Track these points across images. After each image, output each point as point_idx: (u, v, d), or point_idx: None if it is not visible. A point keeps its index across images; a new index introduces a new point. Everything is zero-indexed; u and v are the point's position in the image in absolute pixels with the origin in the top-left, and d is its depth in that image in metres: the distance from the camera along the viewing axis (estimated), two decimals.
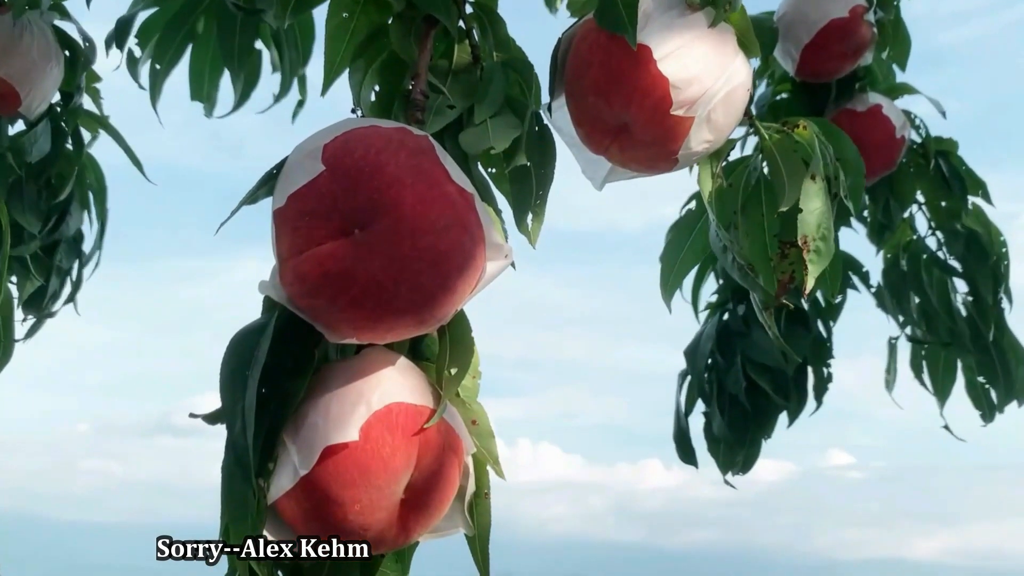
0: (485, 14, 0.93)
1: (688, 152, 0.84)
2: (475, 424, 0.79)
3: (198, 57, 1.52)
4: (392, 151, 0.68)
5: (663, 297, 1.04)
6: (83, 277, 1.67)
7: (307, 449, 0.68)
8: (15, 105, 1.37)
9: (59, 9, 1.43)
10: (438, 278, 0.67)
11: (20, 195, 1.46)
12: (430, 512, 0.73)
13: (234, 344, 0.72)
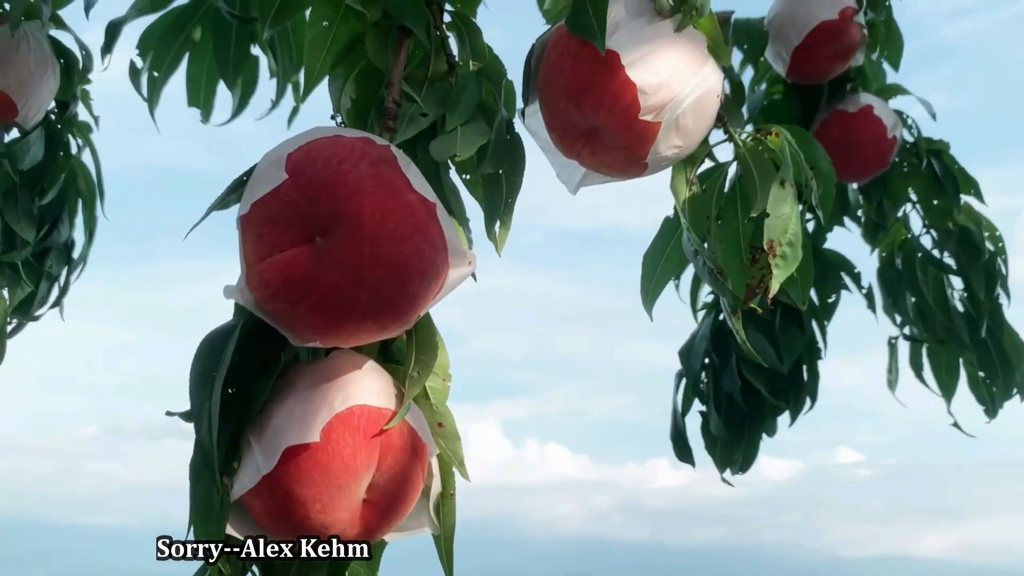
0: (462, 23, 0.94)
1: (657, 157, 0.85)
2: (441, 427, 0.80)
3: (195, 65, 1.54)
4: (354, 161, 0.69)
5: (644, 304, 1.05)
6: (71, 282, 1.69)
7: (270, 449, 0.69)
8: (12, 115, 1.40)
9: (55, 19, 1.46)
10: (398, 284, 0.69)
11: (15, 202, 1.48)
12: (393, 512, 0.74)
13: (203, 346, 0.74)
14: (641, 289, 1.04)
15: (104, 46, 1.45)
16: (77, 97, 1.53)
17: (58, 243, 1.63)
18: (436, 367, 0.83)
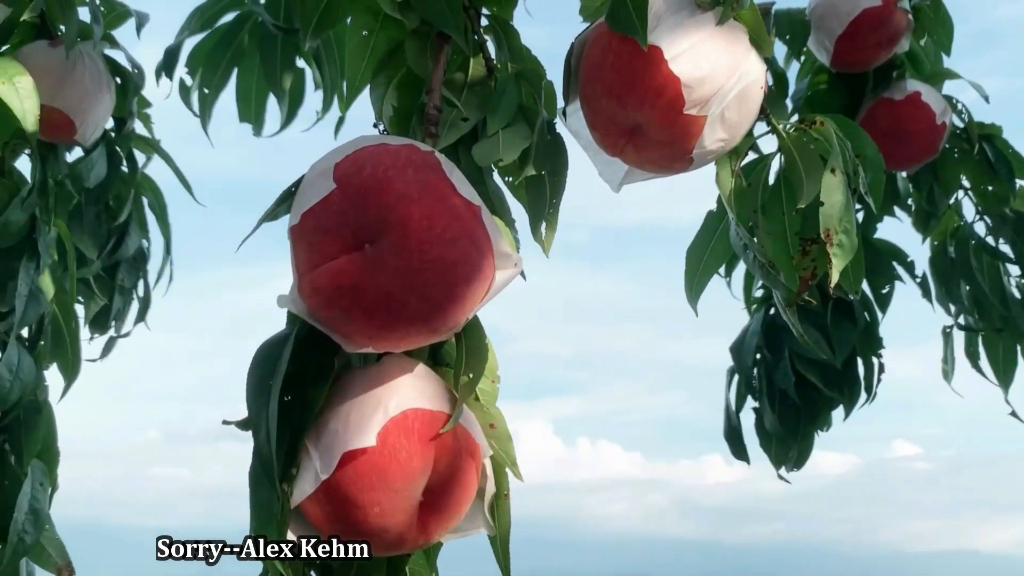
0: (500, 25, 0.95)
1: (703, 151, 0.85)
2: (493, 427, 0.81)
3: (244, 80, 1.58)
4: (399, 168, 0.71)
5: (688, 299, 1.04)
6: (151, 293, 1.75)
7: (328, 454, 0.71)
8: (71, 134, 1.44)
9: (108, 38, 1.50)
10: (446, 288, 0.70)
11: (80, 219, 1.53)
12: (449, 514, 0.75)
13: (259, 355, 0.76)
14: (685, 284, 1.04)
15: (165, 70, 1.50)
16: (133, 113, 1.58)
17: (127, 256, 1.68)
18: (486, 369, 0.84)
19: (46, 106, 1.36)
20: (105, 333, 1.68)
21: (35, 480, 1.45)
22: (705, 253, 1.05)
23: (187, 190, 1.65)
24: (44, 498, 1.47)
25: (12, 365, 1.40)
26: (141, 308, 1.70)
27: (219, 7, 1.50)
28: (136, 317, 1.70)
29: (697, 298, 1.05)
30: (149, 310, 1.72)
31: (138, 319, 1.70)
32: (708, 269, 1.05)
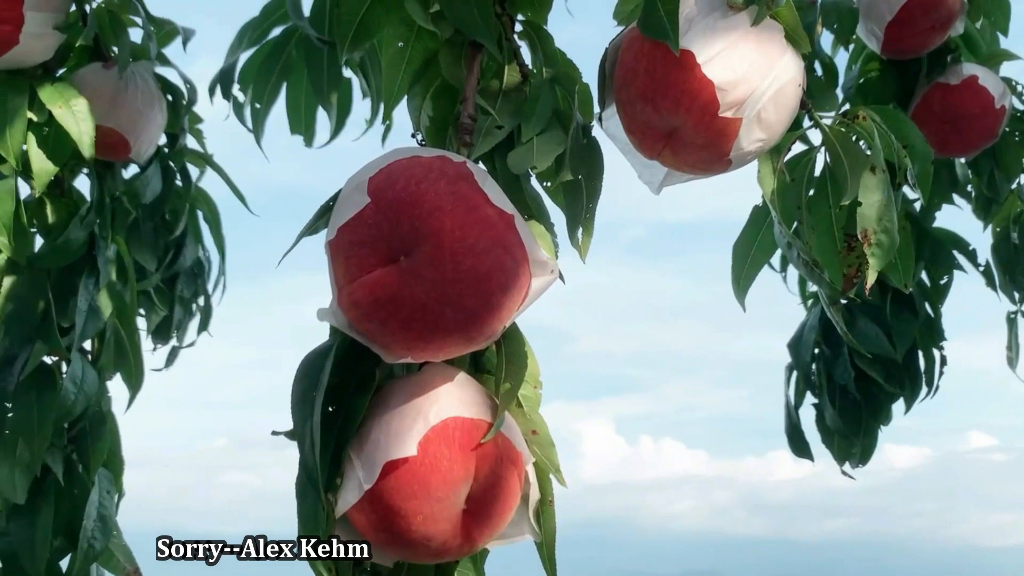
0: (534, 31, 0.95)
1: (741, 152, 0.84)
2: (535, 434, 0.81)
3: (293, 93, 1.61)
4: (432, 180, 0.71)
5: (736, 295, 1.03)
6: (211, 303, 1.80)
7: (370, 464, 0.72)
8: (126, 152, 1.49)
9: (159, 57, 1.54)
10: (481, 297, 0.70)
11: (138, 234, 1.58)
12: (492, 521, 0.76)
13: (303, 367, 0.77)
14: (732, 280, 1.03)
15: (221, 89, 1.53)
16: (185, 129, 1.62)
17: (184, 268, 1.72)
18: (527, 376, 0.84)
19: (101, 126, 1.41)
20: (167, 343, 1.72)
21: (102, 488, 1.50)
22: (752, 248, 1.03)
23: (241, 202, 1.69)
24: (111, 505, 1.52)
25: (76, 378, 1.45)
26: (203, 318, 1.75)
27: (267, 23, 1.52)
28: (199, 327, 1.74)
29: (744, 293, 1.04)
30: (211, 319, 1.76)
31: (200, 328, 1.75)
32: (755, 264, 1.04)
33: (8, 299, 1.40)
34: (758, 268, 1.04)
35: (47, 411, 1.41)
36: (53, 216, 1.45)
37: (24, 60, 1.37)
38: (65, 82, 1.40)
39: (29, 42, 1.34)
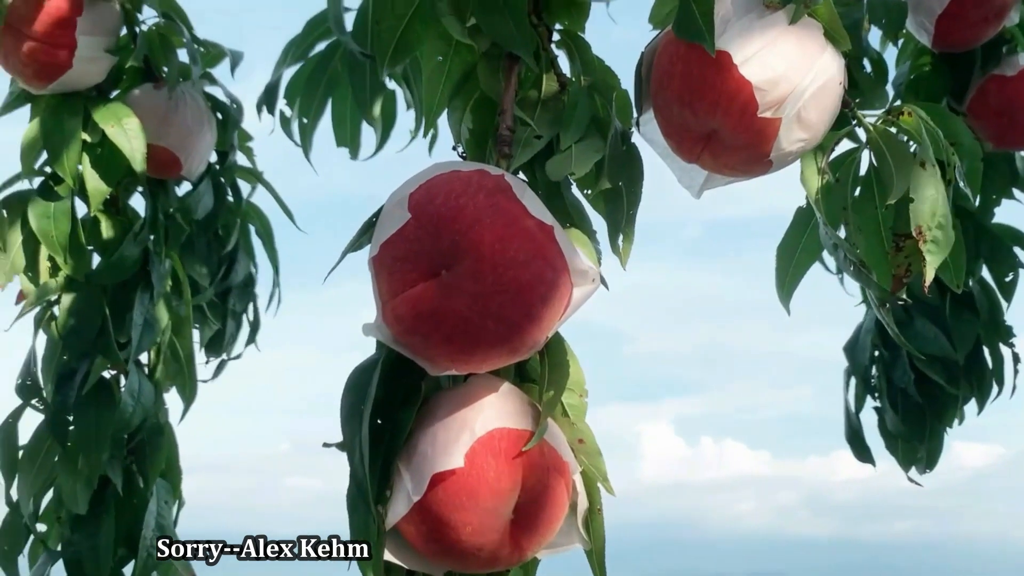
0: (571, 39, 0.95)
1: (781, 153, 0.83)
2: (582, 443, 0.81)
3: (339, 106, 1.63)
4: (470, 194, 0.72)
5: (780, 299, 1.02)
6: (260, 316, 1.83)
7: (418, 476, 0.72)
8: (178, 170, 1.52)
9: (207, 77, 1.58)
10: (522, 309, 0.71)
11: (191, 249, 1.61)
12: (541, 530, 0.76)
13: (351, 380, 0.78)
14: (776, 283, 1.01)
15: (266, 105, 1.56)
16: (235, 146, 1.65)
17: (236, 282, 1.76)
18: (573, 384, 0.84)
19: (153, 145, 1.45)
20: (220, 356, 1.76)
21: (160, 498, 1.54)
22: (796, 250, 1.02)
23: (289, 218, 1.71)
24: (169, 514, 1.56)
25: (134, 391, 1.49)
26: (251, 330, 1.78)
27: (311, 38, 1.55)
28: (247, 339, 1.77)
29: (789, 297, 1.02)
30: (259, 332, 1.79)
31: (248, 341, 1.78)
32: (800, 266, 1.02)
33: (67, 315, 1.45)
34: (803, 271, 1.02)
35: (106, 424, 1.45)
36: (108, 233, 1.49)
37: (78, 83, 1.41)
38: (118, 103, 1.44)
39: (82, 66, 1.38)
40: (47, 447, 1.47)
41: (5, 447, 1.45)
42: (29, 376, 1.47)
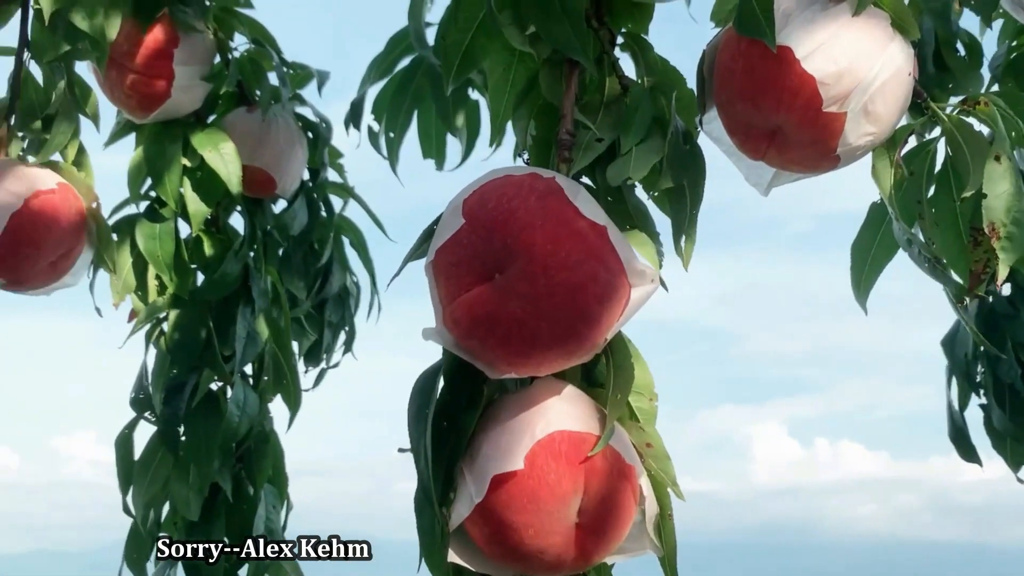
0: (634, 41, 0.95)
1: (849, 147, 0.81)
2: (650, 447, 0.80)
3: (424, 119, 1.67)
4: (522, 198, 0.73)
5: (857, 299, 0.99)
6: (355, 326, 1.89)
7: (480, 478, 0.74)
8: (273, 188, 1.59)
9: (296, 98, 1.64)
10: (576, 310, 0.71)
11: (289, 264, 1.68)
12: (607, 535, 0.76)
13: (417, 385, 0.80)
14: (852, 283, 0.98)
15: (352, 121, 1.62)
16: (326, 164, 1.71)
17: (332, 294, 1.82)
18: (642, 387, 0.84)
19: (248, 166, 1.52)
20: (319, 366, 1.82)
21: (268, 503, 1.60)
22: (872, 248, 0.99)
23: (380, 229, 1.77)
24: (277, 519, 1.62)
25: (239, 401, 1.55)
26: (347, 340, 1.84)
27: (394, 55, 1.60)
28: (343, 348, 1.83)
29: (866, 297, 0.99)
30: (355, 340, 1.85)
31: (345, 350, 1.84)
32: (876, 265, 0.99)
33: (174, 331, 1.53)
34: (879, 269, 0.99)
35: (215, 434, 1.52)
36: (210, 252, 1.57)
37: (177, 111, 1.49)
38: (214, 128, 1.52)
39: (180, 95, 1.46)
40: (160, 457, 1.55)
41: (121, 459, 1.53)
42: (141, 390, 1.56)
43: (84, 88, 1.42)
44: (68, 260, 1.35)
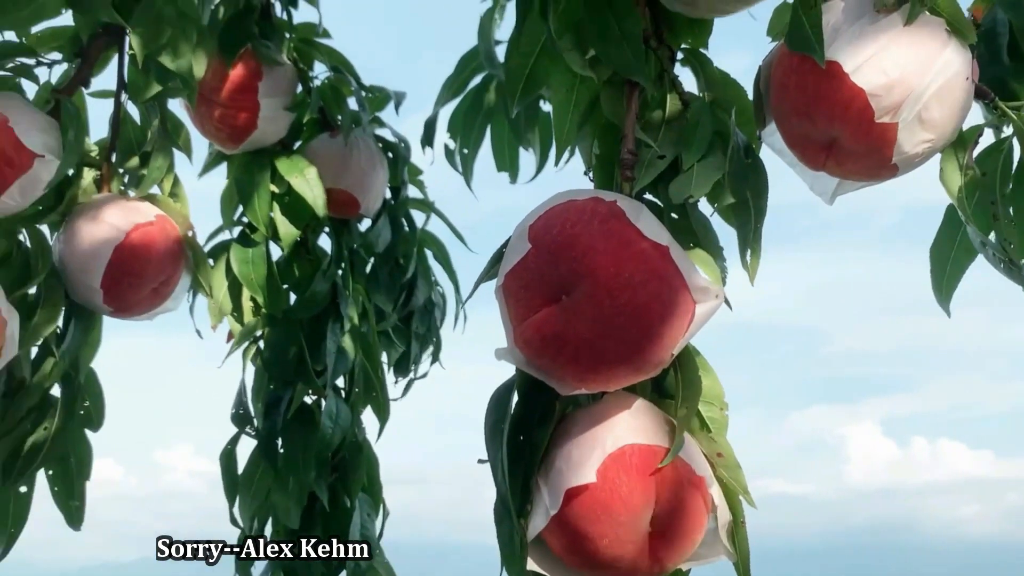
0: (694, 56, 0.97)
1: (905, 156, 0.81)
2: (721, 456, 0.82)
3: (496, 134, 1.72)
4: (584, 222, 0.76)
5: (939, 302, 0.98)
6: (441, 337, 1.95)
7: (554, 491, 0.77)
8: (357, 209, 1.66)
9: (375, 120, 1.71)
10: (641, 329, 0.74)
11: (375, 280, 1.74)
12: (680, 543, 0.78)
13: (492, 400, 0.84)
14: (933, 285, 0.97)
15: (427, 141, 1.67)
16: (406, 181, 1.77)
17: (417, 306, 1.88)
18: (712, 398, 0.86)
19: (333, 188, 1.59)
20: (407, 376, 1.88)
21: (363, 512, 1.66)
22: (952, 250, 0.98)
23: (461, 241, 1.82)
24: (372, 526, 1.68)
25: (332, 414, 1.62)
26: (434, 350, 1.89)
27: (466, 74, 1.64)
28: (431, 359, 1.89)
29: (948, 300, 0.98)
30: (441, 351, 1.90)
31: (432, 360, 1.90)
32: (958, 266, 0.98)
33: (269, 348, 1.61)
34: (962, 270, 0.98)
35: (310, 445, 1.59)
36: (300, 272, 1.65)
37: (263, 140, 1.57)
38: (298, 155, 1.59)
39: (265, 125, 1.54)
40: (262, 469, 1.63)
41: (226, 472, 1.62)
42: (241, 406, 1.64)
43: (177, 124, 1.52)
44: (168, 286, 1.43)
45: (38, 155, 1.24)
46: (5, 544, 1.17)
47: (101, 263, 1.33)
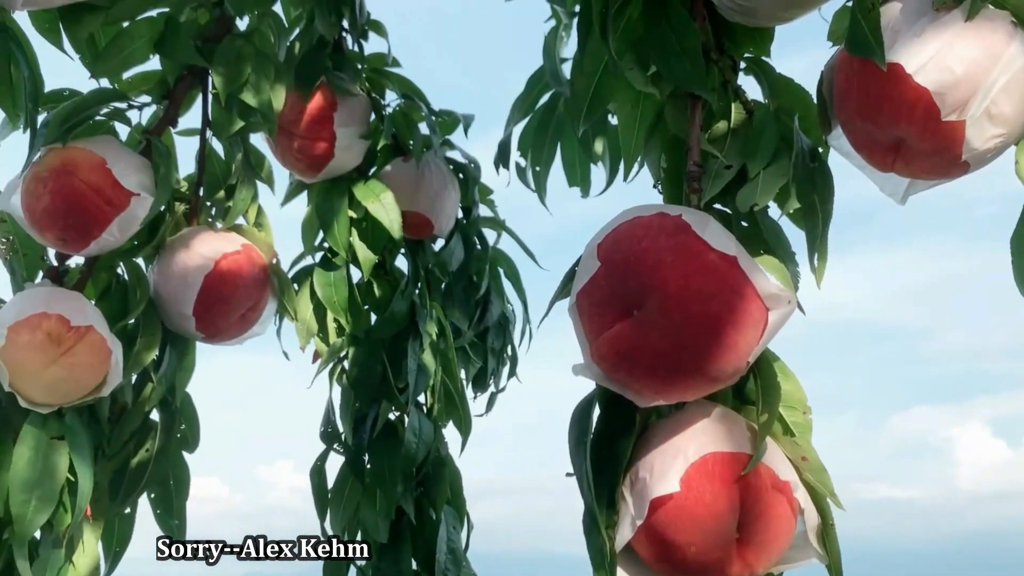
0: (756, 65, 0.98)
1: (975, 152, 0.81)
2: (806, 461, 0.83)
3: (567, 150, 1.74)
4: (651, 238, 0.78)
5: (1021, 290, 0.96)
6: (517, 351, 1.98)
7: (640, 502, 0.78)
8: (431, 230, 1.70)
9: (446, 143, 1.75)
10: (712, 339, 0.75)
11: (451, 298, 1.78)
12: (768, 547, 0.79)
13: (575, 415, 0.86)
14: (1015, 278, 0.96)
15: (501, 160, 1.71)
16: (477, 201, 1.81)
17: (492, 322, 1.92)
18: (794, 402, 0.87)
19: (407, 211, 1.63)
20: (486, 391, 1.92)
21: (448, 524, 1.70)
22: None
23: (532, 259, 1.84)
24: (458, 539, 1.72)
25: (415, 429, 1.66)
26: (511, 365, 1.92)
27: (534, 93, 1.67)
28: (508, 373, 1.92)
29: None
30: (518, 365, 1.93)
31: (510, 374, 1.93)
32: None
33: (353, 367, 1.66)
34: None
35: (396, 461, 1.64)
36: (380, 293, 1.69)
37: (340, 168, 1.63)
38: (374, 180, 1.64)
39: (342, 154, 1.60)
40: (350, 485, 1.68)
41: (317, 487, 1.67)
42: (329, 424, 1.69)
43: (259, 156, 1.58)
44: (255, 312, 1.49)
45: (134, 193, 1.31)
46: (111, 563, 1.22)
47: (193, 291, 1.39)
